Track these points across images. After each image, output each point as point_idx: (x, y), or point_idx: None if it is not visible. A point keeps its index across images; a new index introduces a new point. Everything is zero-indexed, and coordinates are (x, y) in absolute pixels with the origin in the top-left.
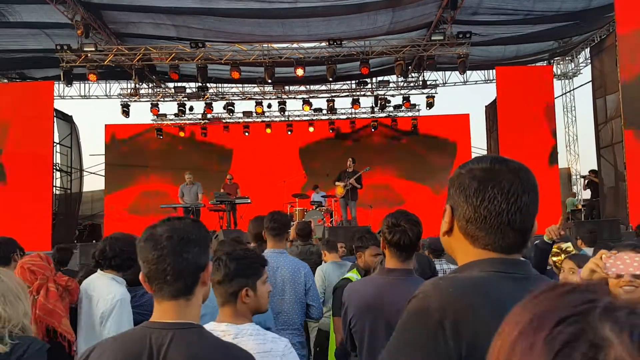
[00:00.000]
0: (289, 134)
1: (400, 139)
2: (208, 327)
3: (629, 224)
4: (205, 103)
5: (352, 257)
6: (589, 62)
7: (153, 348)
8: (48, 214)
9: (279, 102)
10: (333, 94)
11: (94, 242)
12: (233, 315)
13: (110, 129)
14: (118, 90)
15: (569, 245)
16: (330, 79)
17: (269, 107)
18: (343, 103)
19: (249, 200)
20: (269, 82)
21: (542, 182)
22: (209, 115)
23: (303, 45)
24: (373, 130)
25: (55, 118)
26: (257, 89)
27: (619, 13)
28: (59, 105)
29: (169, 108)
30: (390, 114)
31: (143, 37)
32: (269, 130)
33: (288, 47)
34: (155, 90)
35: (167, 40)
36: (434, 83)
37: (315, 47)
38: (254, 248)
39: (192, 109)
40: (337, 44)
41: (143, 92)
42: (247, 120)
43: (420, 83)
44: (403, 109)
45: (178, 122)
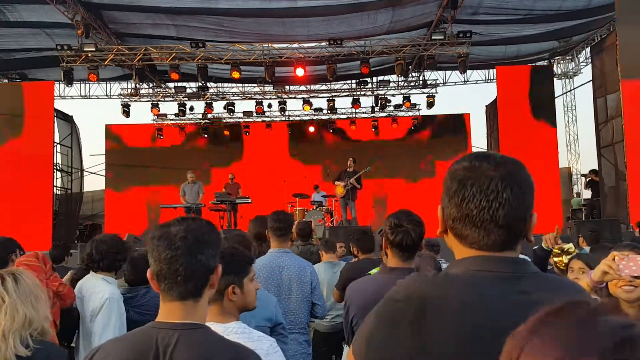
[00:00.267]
0: (289, 134)
1: (400, 139)
2: None
3: (630, 224)
4: (206, 103)
5: (351, 257)
6: (590, 61)
7: (159, 348)
8: (48, 214)
9: (279, 101)
10: (333, 94)
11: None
12: (220, 314)
13: (111, 129)
14: (118, 90)
15: (571, 246)
16: (331, 79)
17: (269, 107)
18: (343, 103)
19: (250, 200)
20: (269, 81)
21: (542, 181)
22: (209, 115)
23: (303, 45)
24: (373, 130)
25: (56, 118)
26: (257, 89)
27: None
28: (60, 105)
29: (169, 108)
30: (391, 114)
31: (143, 37)
32: (269, 130)
33: (288, 47)
34: (156, 90)
35: (167, 40)
36: (435, 82)
37: (316, 46)
38: (255, 248)
39: (192, 109)
40: (337, 44)
41: (143, 92)
42: (247, 120)
43: (421, 82)
44: (403, 109)
45: (178, 122)
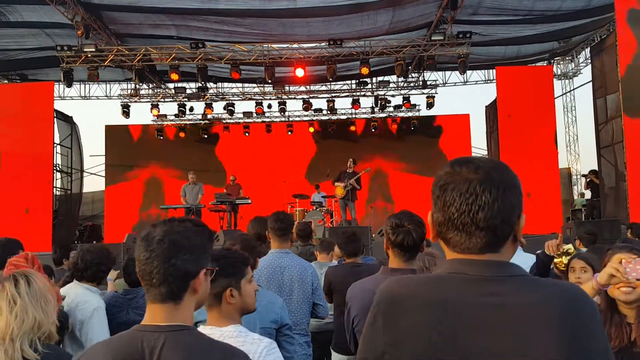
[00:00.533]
0: (289, 134)
1: (401, 139)
2: None
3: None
4: (206, 103)
5: None
6: (589, 62)
7: (145, 351)
8: (48, 215)
9: (279, 102)
10: (333, 94)
11: (94, 242)
12: (219, 318)
13: (111, 130)
14: (118, 91)
15: (570, 247)
16: (330, 79)
17: (269, 107)
18: (343, 103)
19: (250, 201)
20: (269, 82)
21: (542, 182)
22: (209, 116)
23: (303, 45)
24: (373, 131)
25: (56, 119)
26: (257, 89)
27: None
28: (60, 106)
29: (169, 108)
30: (391, 114)
31: (143, 37)
32: (269, 131)
33: (288, 47)
34: (156, 91)
35: (167, 40)
36: (434, 83)
37: (315, 47)
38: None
39: (192, 110)
40: (337, 44)
41: (143, 92)
42: (247, 121)
43: (420, 83)
44: (403, 109)
45: (178, 122)
